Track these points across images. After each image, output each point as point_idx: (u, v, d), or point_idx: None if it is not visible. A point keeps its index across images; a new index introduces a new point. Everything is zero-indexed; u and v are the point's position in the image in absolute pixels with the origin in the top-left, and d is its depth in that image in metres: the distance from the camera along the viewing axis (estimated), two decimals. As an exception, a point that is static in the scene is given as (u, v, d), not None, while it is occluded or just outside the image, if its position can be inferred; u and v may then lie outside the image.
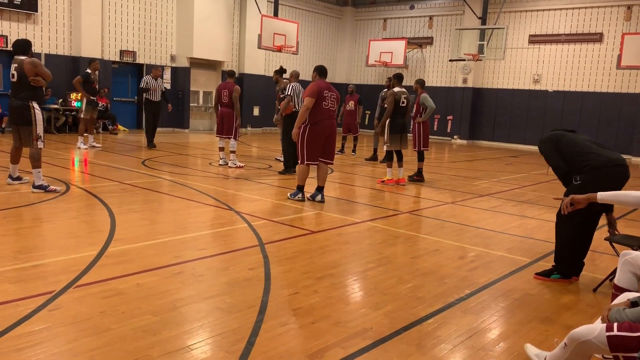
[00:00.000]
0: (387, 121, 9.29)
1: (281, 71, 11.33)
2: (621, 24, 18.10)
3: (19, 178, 7.36)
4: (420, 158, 9.78)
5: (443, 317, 3.66)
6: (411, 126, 9.99)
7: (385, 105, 12.55)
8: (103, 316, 3.32)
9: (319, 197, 7.38)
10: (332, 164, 7.51)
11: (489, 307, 3.91)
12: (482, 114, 21.10)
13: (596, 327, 2.45)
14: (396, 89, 9.36)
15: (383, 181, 9.45)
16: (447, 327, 3.49)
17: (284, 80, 11.13)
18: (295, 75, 9.98)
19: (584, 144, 4.35)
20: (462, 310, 3.79)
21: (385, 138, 9.35)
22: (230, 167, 10.24)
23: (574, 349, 2.53)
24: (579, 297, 4.25)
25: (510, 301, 4.05)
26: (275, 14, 19.00)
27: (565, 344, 2.57)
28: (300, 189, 7.42)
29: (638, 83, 17.85)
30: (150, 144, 12.73)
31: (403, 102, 9.31)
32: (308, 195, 7.48)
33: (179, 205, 6.78)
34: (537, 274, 4.59)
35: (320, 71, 7.39)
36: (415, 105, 9.77)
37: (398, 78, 9.45)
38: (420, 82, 9.73)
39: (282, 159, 10.90)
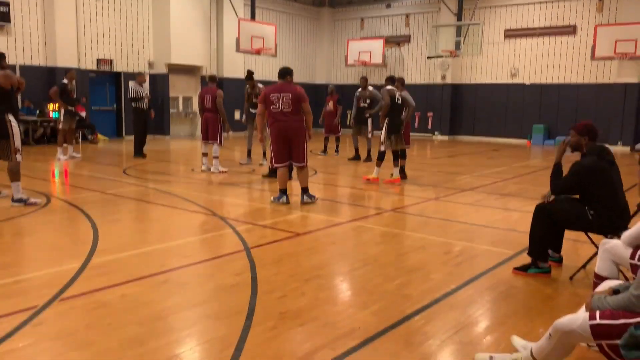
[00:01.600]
0: (386, 120, 9.17)
1: (250, 75, 11.38)
2: (593, 16, 18.38)
3: (-3, 192, 7.24)
4: (402, 156, 9.82)
5: (430, 313, 3.68)
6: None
7: (362, 105, 12.70)
8: (88, 329, 3.28)
9: (305, 198, 7.39)
10: (301, 165, 7.35)
11: (475, 301, 3.94)
12: (462, 109, 21.27)
13: (579, 317, 2.49)
14: (388, 87, 9.28)
15: (368, 179, 9.44)
16: (435, 323, 3.51)
17: (260, 86, 11.18)
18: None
19: (617, 187, 4.29)
20: (449, 306, 3.82)
21: (382, 138, 9.24)
22: (213, 172, 10.19)
23: (558, 338, 2.56)
24: (562, 287, 4.31)
25: (496, 294, 4.09)
26: (253, 17, 18.98)
27: (550, 334, 2.61)
28: (283, 192, 7.41)
29: (612, 73, 18.13)
30: (139, 154, 12.52)
31: (398, 99, 9.23)
32: (300, 199, 7.47)
33: (162, 213, 6.73)
34: (515, 268, 4.62)
35: (278, 74, 7.39)
36: None
37: (390, 79, 9.44)
38: (400, 81, 9.76)
39: (264, 162, 10.96)
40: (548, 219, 4.41)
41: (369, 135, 12.80)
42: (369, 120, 12.75)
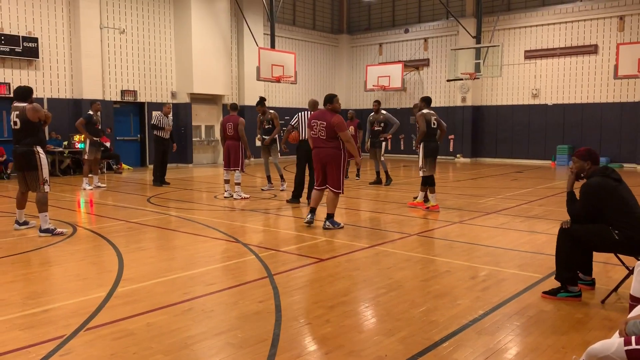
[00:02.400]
0: (422, 144, 9.08)
1: (261, 101, 11.52)
2: (615, 35, 18.25)
3: (25, 223, 7.38)
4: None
5: (458, 339, 3.60)
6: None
7: (376, 129, 12.69)
8: (114, 358, 3.28)
9: (326, 224, 7.45)
10: (333, 191, 7.42)
11: (503, 326, 3.85)
12: (483, 131, 21.16)
13: (614, 342, 2.41)
14: (425, 111, 9.17)
15: (428, 207, 9.11)
16: (463, 350, 3.43)
17: (271, 112, 11.34)
18: (311, 104, 9.80)
19: (631, 202, 4.27)
20: (477, 332, 3.74)
21: (420, 163, 9.16)
22: (235, 199, 10.25)
23: (593, 365, 2.48)
24: (594, 311, 4.19)
25: (525, 319, 3.99)
26: (272, 46, 19.28)
27: (584, 361, 2.53)
28: (310, 210, 7.69)
29: (637, 92, 17.90)
30: (159, 182, 12.67)
31: (434, 124, 9.14)
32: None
33: (186, 241, 6.77)
34: (544, 292, 4.52)
35: (323, 101, 7.66)
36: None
37: (426, 101, 9.33)
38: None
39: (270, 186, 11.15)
40: (572, 242, 4.33)
41: (382, 158, 12.79)
42: (383, 144, 12.80)
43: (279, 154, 11.85)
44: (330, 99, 7.49)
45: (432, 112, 9.22)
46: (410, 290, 4.68)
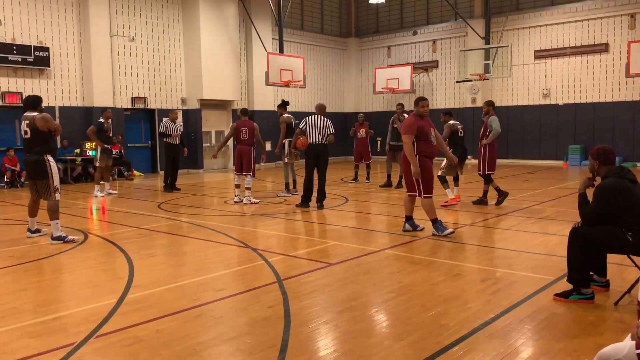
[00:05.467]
0: (451, 151, 8.98)
1: (284, 104, 11.54)
2: (626, 33, 18.09)
3: (37, 230, 7.45)
4: (486, 181, 9.73)
5: (469, 343, 3.57)
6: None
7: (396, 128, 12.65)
8: (124, 365, 3.29)
9: (433, 230, 7.18)
10: (421, 198, 7.11)
11: (515, 329, 3.81)
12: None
13: (625, 345, 2.38)
14: (451, 122, 9.97)
15: (446, 202, 9.58)
16: (474, 354, 3.40)
17: (284, 115, 11.31)
18: (318, 108, 9.84)
19: None
20: (488, 335, 3.70)
21: (443, 165, 9.63)
22: (245, 203, 10.27)
23: (605, 369, 2.44)
24: (606, 314, 4.13)
25: (537, 322, 3.95)
26: (281, 51, 19.34)
27: (595, 365, 2.49)
28: (406, 218, 7.40)
29: (649, 89, 17.72)
30: (170, 188, 12.71)
31: (461, 133, 9.94)
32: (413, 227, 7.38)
33: (196, 247, 6.79)
34: (556, 295, 4.46)
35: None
36: (482, 127, 9.76)
37: (451, 114, 10.20)
38: (490, 104, 9.81)
39: (285, 193, 11.25)
40: (584, 243, 4.27)
41: None
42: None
43: (291, 157, 11.42)
44: (415, 102, 7.22)
45: (457, 122, 10.05)
46: (420, 294, 4.65)
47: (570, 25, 19.23)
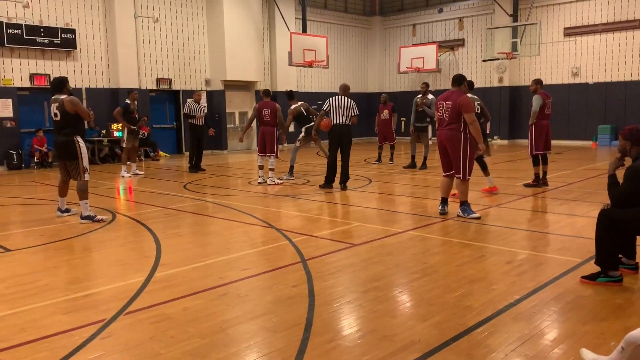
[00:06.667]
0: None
1: (291, 95, 11.61)
2: (661, 8, 17.46)
3: (67, 210, 7.62)
4: (535, 162, 9.47)
5: (493, 324, 3.56)
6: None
7: (420, 110, 12.48)
8: (153, 341, 3.38)
9: (459, 212, 7.14)
10: (457, 177, 7.05)
11: (540, 311, 3.79)
12: (520, 112, 20.61)
13: (654, 329, 2.34)
14: (469, 95, 8.56)
15: (489, 190, 9.04)
16: (498, 335, 3.39)
17: (298, 103, 11.31)
18: (342, 88, 9.77)
19: None
20: (513, 317, 3.68)
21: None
22: (269, 184, 10.34)
23: (632, 352, 2.42)
24: (634, 296, 4.07)
25: (563, 304, 3.91)
26: (304, 31, 19.20)
27: (622, 347, 2.47)
28: (442, 200, 7.28)
29: (684, 67, 17.14)
30: (195, 169, 12.84)
31: (477, 109, 8.71)
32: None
33: (221, 226, 6.88)
34: (583, 277, 4.41)
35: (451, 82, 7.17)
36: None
37: (469, 85, 8.71)
38: (538, 82, 9.40)
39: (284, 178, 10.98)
40: (613, 225, 4.19)
41: (430, 142, 12.57)
42: (429, 127, 12.53)
43: (303, 141, 11.48)
44: (458, 79, 7.05)
45: (475, 97, 8.93)
46: (445, 275, 4.65)
47: (601, 1, 18.64)
